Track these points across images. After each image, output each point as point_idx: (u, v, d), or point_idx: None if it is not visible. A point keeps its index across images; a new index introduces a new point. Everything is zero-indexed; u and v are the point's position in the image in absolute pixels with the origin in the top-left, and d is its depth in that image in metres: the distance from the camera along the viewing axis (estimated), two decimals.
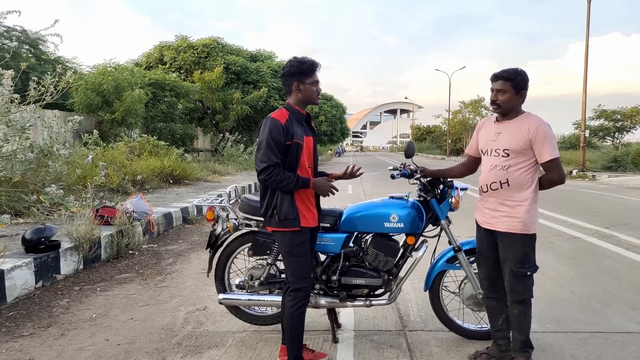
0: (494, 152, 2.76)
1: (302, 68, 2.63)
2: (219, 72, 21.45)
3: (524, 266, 2.70)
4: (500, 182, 2.71)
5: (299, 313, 2.66)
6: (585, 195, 12.66)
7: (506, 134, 2.72)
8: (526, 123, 2.68)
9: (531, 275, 2.74)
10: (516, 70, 2.69)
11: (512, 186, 2.69)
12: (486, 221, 2.83)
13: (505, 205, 2.71)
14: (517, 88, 2.68)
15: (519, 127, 2.69)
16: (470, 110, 46.97)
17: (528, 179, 2.69)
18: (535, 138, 2.62)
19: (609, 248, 5.99)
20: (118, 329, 3.43)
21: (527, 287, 2.74)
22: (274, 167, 2.51)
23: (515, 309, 2.75)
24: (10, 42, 14.50)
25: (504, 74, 2.68)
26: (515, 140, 2.67)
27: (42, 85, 6.66)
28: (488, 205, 2.81)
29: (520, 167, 2.68)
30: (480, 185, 2.85)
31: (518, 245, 2.70)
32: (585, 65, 20.24)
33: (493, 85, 2.73)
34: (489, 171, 2.78)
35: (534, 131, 2.63)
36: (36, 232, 4.45)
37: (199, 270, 4.96)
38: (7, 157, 6.33)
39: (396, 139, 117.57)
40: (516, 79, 2.67)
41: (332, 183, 2.72)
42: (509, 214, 2.70)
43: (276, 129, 2.53)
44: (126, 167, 10.07)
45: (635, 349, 3.11)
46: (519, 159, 2.68)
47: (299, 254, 2.64)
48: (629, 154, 21.81)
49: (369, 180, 17.15)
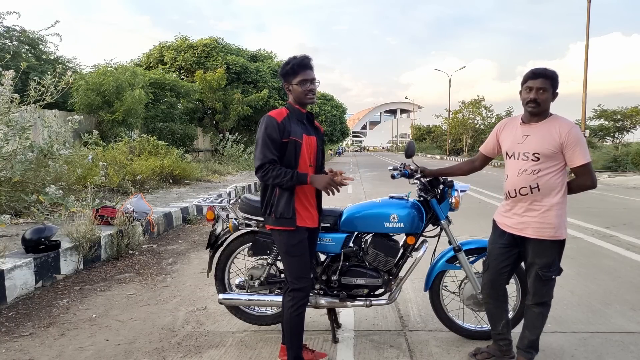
0: (523, 156, 2.66)
1: (286, 69, 2.64)
2: (222, 72, 21.45)
3: (549, 270, 2.67)
4: (531, 186, 2.62)
5: (298, 313, 2.66)
6: (585, 195, 12.62)
7: (536, 137, 2.62)
8: (557, 126, 2.59)
9: (555, 279, 2.72)
10: (554, 70, 2.63)
11: (543, 190, 2.60)
12: (513, 227, 2.73)
13: (535, 211, 2.63)
14: (555, 87, 2.63)
15: (549, 130, 2.60)
16: (470, 110, 46.96)
17: (558, 183, 2.61)
18: (567, 142, 2.54)
19: (609, 248, 6.00)
20: (118, 329, 3.43)
21: (549, 290, 2.72)
22: (270, 164, 2.52)
23: (535, 309, 2.74)
24: (10, 42, 14.49)
25: (547, 72, 2.60)
26: (546, 144, 2.58)
27: (42, 85, 6.66)
28: (516, 210, 2.71)
29: (550, 171, 2.59)
30: (508, 190, 2.74)
31: (548, 251, 2.65)
32: (585, 65, 20.26)
33: (532, 83, 2.60)
34: (517, 175, 2.67)
35: (565, 135, 2.54)
36: (36, 232, 4.45)
37: (199, 270, 4.96)
38: (7, 157, 6.33)
39: (396, 139, 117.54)
40: (556, 79, 2.61)
41: (333, 180, 2.53)
42: (539, 220, 2.62)
43: (272, 127, 2.55)
44: (126, 167, 10.07)
45: (635, 349, 3.10)
46: (549, 162, 2.59)
47: (296, 253, 2.64)
48: (629, 154, 21.83)
49: (369, 180, 17.16)
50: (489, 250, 2.91)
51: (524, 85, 2.66)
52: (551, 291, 2.73)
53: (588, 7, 19.74)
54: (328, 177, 2.55)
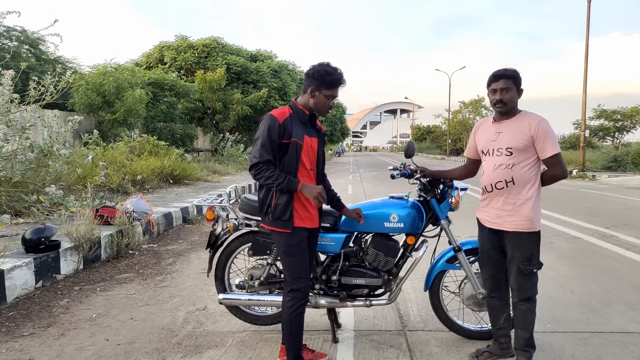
0: (497, 152, 2.77)
1: (326, 78, 2.59)
2: (222, 72, 21.46)
3: (530, 263, 2.72)
4: (506, 180, 2.72)
5: (297, 313, 2.65)
6: (585, 195, 12.66)
7: (507, 133, 2.74)
8: (526, 120, 2.71)
9: (536, 272, 2.76)
10: (514, 69, 2.75)
11: (517, 184, 2.70)
12: (491, 221, 2.82)
13: (511, 204, 2.72)
14: (518, 85, 2.74)
15: (519, 125, 2.71)
16: (470, 110, 46.98)
17: (532, 176, 2.71)
18: (537, 134, 2.65)
19: (609, 248, 5.99)
20: (118, 329, 3.43)
21: (532, 284, 2.76)
22: (264, 164, 2.53)
23: (522, 306, 2.76)
24: (10, 42, 14.50)
25: (507, 73, 2.72)
26: (517, 138, 2.69)
27: (42, 85, 6.66)
28: (493, 205, 2.81)
29: (524, 164, 2.70)
30: (484, 186, 2.84)
31: (525, 243, 2.72)
32: (585, 65, 20.25)
33: (495, 85, 2.73)
34: (493, 171, 2.77)
35: (535, 128, 2.66)
36: (36, 232, 4.45)
37: (199, 270, 4.96)
38: (7, 157, 6.33)
39: (396, 139, 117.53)
40: (517, 77, 2.73)
41: (323, 191, 2.57)
42: (515, 213, 2.71)
43: (272, 127, 2.54)
44: (126, 167, 10.08)
45: (635, 349, 3.10)
46: (523, 156, 2.70)
47: (295, 254, 2.64)
48: (629, 154, 21.82)
49: (369, 180, 17.16)
50: (480, 247, 2.98)
51: (488, 88, 2.79)
52: (534, 286, 2.77)
53: (588, 7, 19.74)
54: (319, 187, 2.56)
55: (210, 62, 23.14)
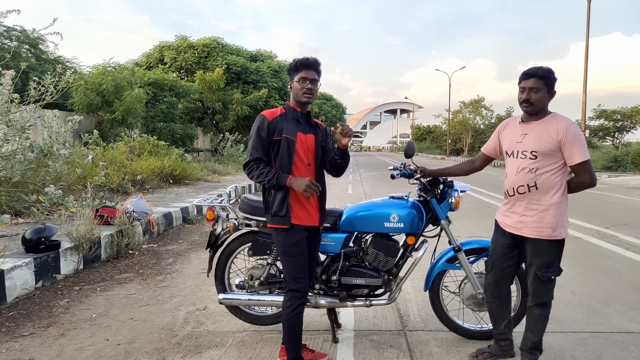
0: (521, 154, 2.66)
1: (292, 65, 2.68)
2: (220, 72, 21.46)
3: (548, 270, 2.65)
4: (528, 185, 2.61)
5: (295, 313, 2.66)
6: (585, 195, 12.65)
7: (533, 135, 2.62)
8: (554, 124, 2.58)
9: (554, 279, 2.71)
10: (549, 68, 2.62)
11: (541, 189, 2.59)
12: (512, 226, 2.73)
13: (533, 210, 2.62)
14: (550, 86, 2.61)
15: (546, 128, 2.59)
16: (470, 110, 46.95)
17: (557, 182, 2.59)
18: (565, 139, 2.53)
19: (609, 248, 6.00)
20: (118, 329, 3.43)
21: (549, 291, 2.71)
22: (255, 162, 2.59)
23: (536, 311, 2.72)
24: (10, 42, 14.50)
25: (539, 72, 2.59)
26: (543, 142, 2.57)
27: (42, 85, 6.66)
28: (515, 209, 2.71)
29: (548, 169, 2.58)
30: (506, 189, 2.74)
31: (546, 251, 2.64)
32: (585, 65, 20.26)
33: (525, 83, 2.61)
34: (515, 174, 2.67)
35: (563, 132, 2.53)
36: (36, 232, 4.45)
37: (199, 270, 4.96)
38: (7, 157, 6.32)
39: (396, 139, 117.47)
40: (549, 77, 2.60)
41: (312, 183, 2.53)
42: (536, 219, 2.61)
43: (261, 126, 2.62)
44: (126, 167, 10.07)
45: (635, 349, 3.10)
46: (548, 161, 2.58)
47: (293, 254, 2.64)
48: (629, 154, 21.82)
49: (369, 180, 17.16)
50: (492, 250, 2.91)
51: (519, 85, 2.68)
52: (551, 292, 2.72)
53: (588, 7, 19.74)
54: (307, 180, 2.53)
55: (210, 62, 23.14)
